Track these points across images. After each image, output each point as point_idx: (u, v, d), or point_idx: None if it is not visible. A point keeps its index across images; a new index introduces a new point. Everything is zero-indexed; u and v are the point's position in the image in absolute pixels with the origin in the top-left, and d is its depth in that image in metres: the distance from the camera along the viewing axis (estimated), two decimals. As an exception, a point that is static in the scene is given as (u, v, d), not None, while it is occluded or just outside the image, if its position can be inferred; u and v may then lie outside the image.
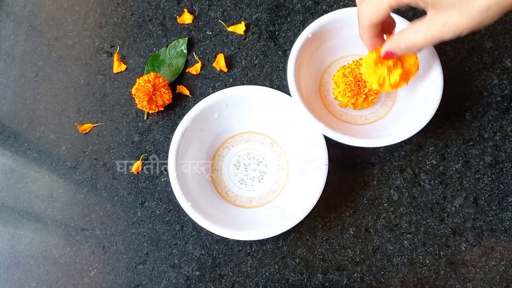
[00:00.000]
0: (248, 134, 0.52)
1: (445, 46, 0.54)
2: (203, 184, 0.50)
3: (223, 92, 0.49)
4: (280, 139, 0.52)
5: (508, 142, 0.51)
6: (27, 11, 0.59)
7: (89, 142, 0.54)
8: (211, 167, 0.51)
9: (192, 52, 0.56)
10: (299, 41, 0.48)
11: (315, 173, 0.46)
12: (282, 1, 0.57)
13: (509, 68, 0.53)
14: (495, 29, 0.54)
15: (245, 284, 0.48)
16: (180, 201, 0.45)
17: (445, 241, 0.48)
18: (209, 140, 0.51)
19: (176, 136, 0.47)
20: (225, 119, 0.51)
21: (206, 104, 0.48)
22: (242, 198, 0.50)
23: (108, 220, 0.51)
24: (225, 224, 0.46)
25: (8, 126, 0.55)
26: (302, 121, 0.48)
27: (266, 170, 0.51)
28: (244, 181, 0.51)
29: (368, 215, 0.50)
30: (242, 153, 0.52)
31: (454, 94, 0.52)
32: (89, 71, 0.56)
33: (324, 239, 0.49)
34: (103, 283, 0.50)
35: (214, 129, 0.51)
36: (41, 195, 0.53)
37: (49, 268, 0.50)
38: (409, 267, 0.48)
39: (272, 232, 0.45)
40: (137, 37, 0.57)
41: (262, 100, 0.49)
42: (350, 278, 0.48)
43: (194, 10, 0.57)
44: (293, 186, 0.49)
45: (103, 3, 0.58)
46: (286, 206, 0.48)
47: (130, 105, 0.55)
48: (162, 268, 0.49)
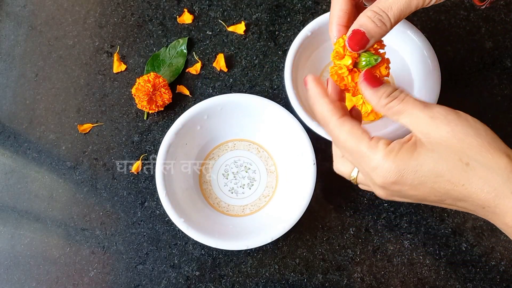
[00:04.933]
0: (233, 142, 0.52)
1: (445, 46, 0.54)
2: (193, 198, 0.50)
3: (202, 103, 0.48)
4: (265, 144, 0.51)
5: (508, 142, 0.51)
6: (27, 11, 0.59)
7: (89, 142, 0.54)
8: (199, 180, 0.51)
9: (192, 52, 0.56)
10: (298, 39, 0.48)
11: (304, 173, 0.46)
12: (282, 1, 0.57)
13: (509, 68, 0.53)
14: (495, 29, 0.54)
15: (245, 284, 0.48)
16: (173, 219, 0.46)
17: (445, 241, 0.48)
18: (194, 153, 0.51)
19: (160, 155, 0.47)
20: (208, 130, 0.50)
21: (187, 117, 0.48)
22: (234, 207, 0.50)
23: (108, 220, 0.51)
24: (221, 236, 0.46)
25: (8, 126, 0.55)
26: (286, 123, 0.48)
27: (255, 176, 0.51)
28: (235, 190, 0.51)
29: (368, 215, 0.50)
30: (229, 162, 0.51)
31: (454, 93, 0.52)
32: (89, 71, 0.56)
33: (324, 239, 0.49)
34: (103, 283, 0.50)
35: (198, 142, 0.51)
36: (41, 195, 0.53)
37: (49, 268, 0.50)
38: (409, 267, 0.48)
39: (269, 238, 0.45)
40: (137, 37, 0.57)
41: (242, 106, 0.49)
42: (350, 278, 0.48)
43: (194, 10, 0.57)
44: (284, 189, 0.49)
45: (103, 3, 0.58)
46: (280, 209, 0.48)
47: (130, 105, 0.55)
48: (162, 268, 0.49)
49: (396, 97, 0.31)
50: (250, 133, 0.51)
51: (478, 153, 0.29)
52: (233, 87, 0.55)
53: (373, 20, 0.31)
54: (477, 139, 0.29)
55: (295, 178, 0.48)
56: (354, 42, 0.32)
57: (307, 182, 0.45)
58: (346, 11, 0.33)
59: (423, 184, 0.31)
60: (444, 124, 0.30)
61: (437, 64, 0.46)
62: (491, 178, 0.29)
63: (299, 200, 0.45)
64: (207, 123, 0.50)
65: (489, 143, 0.29)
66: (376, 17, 0.31)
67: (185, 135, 0.49)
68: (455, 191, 0.30)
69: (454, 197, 0.30)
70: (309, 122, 0.46)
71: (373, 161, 0.31)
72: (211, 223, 0.48)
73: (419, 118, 0.30)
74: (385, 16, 0.31)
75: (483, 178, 0.29)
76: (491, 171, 0.29)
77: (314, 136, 0.47)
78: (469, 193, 0.30)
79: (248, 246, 0.45)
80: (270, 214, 0.49)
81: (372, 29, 0.31)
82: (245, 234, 0.47)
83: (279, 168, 0.51)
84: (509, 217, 0.29)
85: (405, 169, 0.30)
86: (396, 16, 0.31)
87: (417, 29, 0.47)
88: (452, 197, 0.31)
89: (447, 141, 0.30)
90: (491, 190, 0.29)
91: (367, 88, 0.31)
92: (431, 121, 0.30)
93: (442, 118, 0.30)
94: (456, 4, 0.55)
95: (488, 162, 0.29)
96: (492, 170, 0.29)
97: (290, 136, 0.48)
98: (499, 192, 0.29)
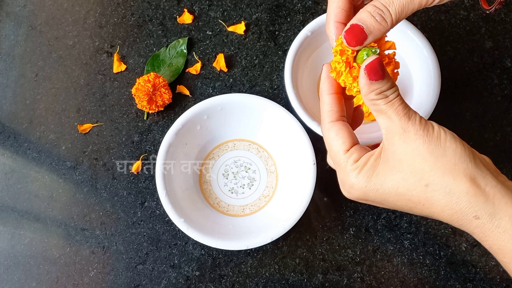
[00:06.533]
0: (233, 142, 0.52)
1: (445, 46, 0.54)
2: (193, 198, 0.50)
3: (202, 103, 0.48)
4: (265, 143, 0.51)
5: (508, 142, 0.51)
6: (27, 11, 0.59)
7: (89, 142, 0.54)
8: (199, 180, 0.51)
9: (192, 52, 0.56)
10: (298, 39, 0.48)
11: (304, 173, 0.46)
12: (282, 1, 0.57)
13: (509, 68, 0.53)
14: (495, 29, 0.54)
15: (245, 284, 0.48)
16: (173, 219, 0.45)
17: (445, 241, 0.48)
18: (194, 153, 0.51)
19: (160, 155, 0.47)
20: (208, 130, 0.50)
21: (187, 117, 0.48)
22: (234, 207, 0.50)
23: (108, 220, 0.51)
24: (221, 236, 0.46)
25: (8, 126, 0.55)
26: (286, 123, 0.48)
27: (255, 176, 0.51)
28: (235, 190, 0.51)
29: (368, 215, 0.50)
30: (229, 162, 0.51)
31: (454, 94, 0.52)
32: (89, 71, 0.56)
33: (324, 239, 0.49)
34: (103, 283, 0.50)
35: (198, 142, 0.51)
36: (41, 195, 0.53)
37: (49, 268, 0.50)
38: (409, 267, 0.48)
39: (269, 238, 0.45)
40: (137, 37, 0.57)
41: (242, 106, 0.49)
42: (350, 278, 0.48)
43: (194, 10, 0.57)
44: (284, 189, 0.49)
45: (103, 3, 0.58)
46: (280, 209, 0.48)
47: (130, 105, 0.55)
48: (162, 268, 0.49)
49: (386, 97, 0.30)
50: (250, 133, 0.51)
51: (440, 175, 0.28)
52: (233, 87, 0.55)
53: (373, 15, 0.29)
54: (441, 160, 0.28)
55: (295, 178, 0.48)
56: (351, 36, 0.30)
57: (307, 182, 0.45)
58: (344, 8, 0.32)
59: (386, 200, 0.31)
60: (412, 140, 0.29)
61: (437, 64, 0.46)
62: (451, 202, 0.28)
63: (299, 200, 0.45)
64: (207, 123, 0.50)
65: (454, 165, 0.28)
66: (376, 12, 0.29)
67: (185, 135, 0.49)
68: (417, 209, 0.30)
69: (419, 213, 0.31)
70: (309, 122, 0.46)
71: (341, 174, 0.32)
72: (211, 223, 0.48)
73: (394, 125, 0.30)
74: (386, 11, 0.29)
75: (442, 201, 0.28)
76: (450, 195, 0.28)
77: (314, 136, 0.47)
78: (431, 212, 0.30)
79: (248, 246, 0.45)
80: (270, 214, 0.49)
81: (371, 24, 0.30)
82: (245, 234, 0.47)
83: (279, 168, 0.51)
84: (477, 236, 0.29)
85: (367, 187, 0.31)
86: (398, 13, 0.29)
87: (417, 29, 0.47)
88: (418, 213, 0.31)
89: (409, 159, 0.29)
90: (453, 213, 0.29)
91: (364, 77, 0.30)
92: (401, 133, 0.29)
93: (412, 133, 0.29)
94: (456, 4, 0.55)
95: (448, 185, 0.28)
96: (452, 194, 0.28)
97: (290, 136, 0.48)
98: (461, 216, 0.28)
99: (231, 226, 0.48)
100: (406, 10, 0.29)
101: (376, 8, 0.30)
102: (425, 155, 0.29)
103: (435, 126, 0.30)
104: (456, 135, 0.30)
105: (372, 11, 0.30)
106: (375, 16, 0.29)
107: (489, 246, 0.29)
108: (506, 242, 0.27)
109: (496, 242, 0.28)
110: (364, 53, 0.31)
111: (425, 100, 0.46)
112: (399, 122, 0.30)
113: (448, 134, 0.29)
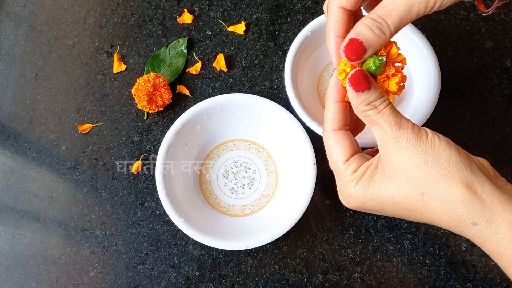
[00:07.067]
0: (233, 142, 0.52)
1: (445, 46, 0.54)
2: (193, 198, 0.49)
3: (202, 103, 0.48)
4: (265, 143, 0.51)
5: (508, 142, 0.51)
6: (27, 11, 0.59)
7: (89, 142, 0.54)
8: (199, 180, 0.51)
9: (192, 52, 0.56)
10: (298, 39, 0.48)
11: (304, 173, 0.46)
12: (282, 1, 0.57)
13: (509, 68, 0.53)
14: (495, 29, 0.54)
15: (245, 284, 0.48)
16: (173, 219, 0.45)
17: (445, 241, 0.48)
18: (194, 153, 0.51)
19: (160, 155, 0.47)
20: (208, 130, 0.50)
21: (187, 117, 0.48)
22: (234, 207, 0.50)
23: (108, 220, 0.51)
24: (221, 236, 0.46)
25: (8, 126, 0.55)
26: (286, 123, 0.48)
27: (255, 176, 0.51)
28: (235, 190, 0.51)
29: (368, 215, 0.50)
30: (229, 162, 0.51)
31: (454, 94, 0.52)
32: (89, 71, 0.56)
33: (324, 239, 0.49)
34: (103, 283, 0.50)
35: (198, 142, 0.51)
36: (41, 195, 0.53)
37: (49, 268, 0.50)
38: (409, 267, 0.48)
39: (269, 238, 0.45)
40: (137, 37, 0.57)
41: (242, 106, 0.49)
42: (350, 278, 0.48)
43: (194, 10, 0.57)
44: (284, 189, 0.49)
45: (103, 3, 0.58)
46: (280, 209, 0.48)
47: (130, 105, 0.55)
48: (162, 268, 0.49)
49: (376, 107, 0.30)
50: (250, 133, 0.51)
51: (435, 183, 0.28)
52: (233, 87, 0.55)
53: (371, 28, 0.29)
54: (436, 167, 0.28)
55: (295, 178, 0.48)
56: (351, 51, 0.29)
57: (307, 182, 0.45)
58: (342, 22, 0.31)
59: (383, 209, 0.31)
60: (405, 149, 0.29)
61: (437, 64, 0.46)
62: (448, 209, 0.28)
63: (299, 200, 0.45)
64: (207, 123, 0.50)
65: (449, 172, 0.28)
66: (374, 25, 0.29)
67: (185, 135, 0.49)
68: (415, 217, 0.30)
69: (418, 220, 0.31)
70: (309, 122, 0.46)
71: (339, 183, 0.33)
72: (211, 223, 0.48)
73: (386, 135, 0.30)
74: (384, 23, 0.29)
75: (439, 209, 0.28)
76: (447, 203, 0.28)
77: (314, 136, 0.47)
78: (429, 219, 0.30)
79: (248, 246, 0.45)
80: (270, 214, 0.49)
81: (370, 37, 0.29)
82: (245, 234, 0.47)
83: (279, 168, 0.51)
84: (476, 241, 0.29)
85: (364, 197, 0.31)
86: (396, 24, 0.29)
87: (417, 29, 0.47)
88: (417, 220, 0.31)
89: (404, 168, 0.29)
90: (450, 220, 0.29)
91: (350, 90, 0.31)
92: (394, 143, 0.30)
93: (404, 142, 0.29)
94: (456, 4, 0.55)
95: (444, 193, 0.28)
96: (448, 201, 0.28)
97: (290, 136, 0.48)
98: (459, 223, 0.28)
99: (231, 226, 0.48)
100: (404, 20, 0.29)
101: (374, 21, 0.29)
102: (419, 164, 0.29)
103: (429, 133, 0.30)
104: (450, 140, 0.30)
105: (370, 24, 0.29)
106: (373, 29, 0.29)
107: (488, 251, 0.29)
108: (504, 248, 0.28)
109: (495, 248, 0.28)
110: (371, 61, 0.31)
111: (425, 100, 0.46)
112: (391, 132, 0.30)
113: (442, 141, 0.29)
